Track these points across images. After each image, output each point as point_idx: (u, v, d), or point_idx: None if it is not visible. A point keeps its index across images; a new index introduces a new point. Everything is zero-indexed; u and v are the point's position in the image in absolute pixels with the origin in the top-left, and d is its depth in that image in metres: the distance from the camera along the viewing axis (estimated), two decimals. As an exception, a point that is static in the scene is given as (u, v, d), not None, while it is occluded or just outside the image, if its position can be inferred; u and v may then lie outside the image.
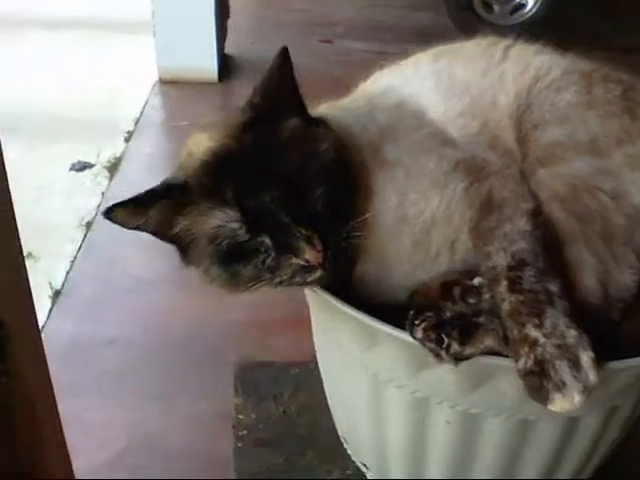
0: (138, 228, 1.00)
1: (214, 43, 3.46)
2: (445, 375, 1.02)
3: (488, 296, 1.01)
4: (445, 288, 1.05)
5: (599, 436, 1.15)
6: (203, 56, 3.48)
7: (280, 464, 1.44)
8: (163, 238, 1.04)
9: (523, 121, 1.17)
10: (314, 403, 1.44)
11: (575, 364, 0.92)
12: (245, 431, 1.52)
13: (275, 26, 4.45)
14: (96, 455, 1.51)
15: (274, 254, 0.98)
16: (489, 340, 0.97)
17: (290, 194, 0.97)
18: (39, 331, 0.94)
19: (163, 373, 1.78)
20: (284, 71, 1.03)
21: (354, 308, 1.04)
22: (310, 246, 0.95)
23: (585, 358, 0.92)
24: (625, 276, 1.05)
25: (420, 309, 1.01)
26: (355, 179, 1.06)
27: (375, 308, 1.05)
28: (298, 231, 0.95)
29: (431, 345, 0.97)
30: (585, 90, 1.17)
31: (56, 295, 2.07)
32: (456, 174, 1.09)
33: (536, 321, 0.94)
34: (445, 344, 0.96)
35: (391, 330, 1.01)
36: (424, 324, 0.98)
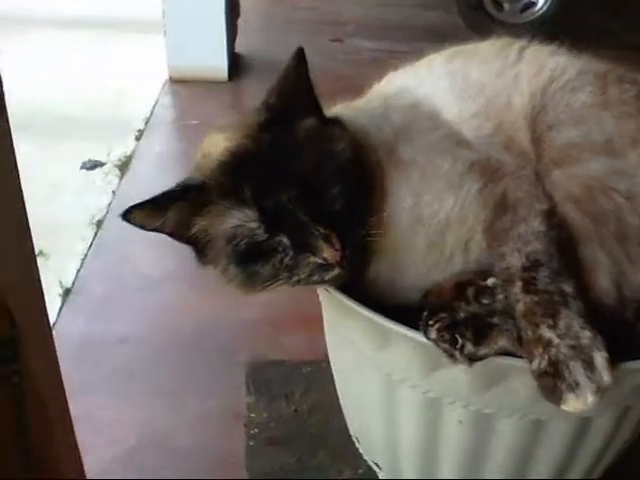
0: (156, 230, 1.01)
1: (224, 42, 3.47)
2: (458, 375, 1.02)
3: (502, 297, 1.02)
4: (459, 289, 1.05)
5: (611, 436, 1.15)
6: (213, 55, 3.50)
7: (292, 463, 1.44)
8: (180, 239, 1.04)
9: (538, 122, 1.17)
10: (326, 402, 1.45)
11: (589, 365, 0.92)
12: (257, 430, 1.53)
13: (285, 25, 4.47)
14: (106, 453, 1.51)
15: (292, 253, 0.98)
16: (503, 340, 0.98)
17: (308, 193, 0.97)
18: (51, 331, 0.93)
19: (173, 371, 1.78)
20: (300, 71, 1.03)
21: (367, 308, 1.04)
22: (328, 244, 0.95)
23: (599, 359, 0.92)
24: (639, 276, 1.05)
25: (434, 310, 1.01)
26: (371, 179, 1.07)
27: (387, 308, 1.05)
28: (316, 230, 0.96)
29: (445, 345, 0.97)
30: (600, 91, 1.17)
31: (66, 293, 2.08)
32: (471, 175, 1.09)
33: (550, 322, 0.94)
34: (459, 344, 0.97)
35: (405, 330, 1.01)
36: (438, 324, 0.98)
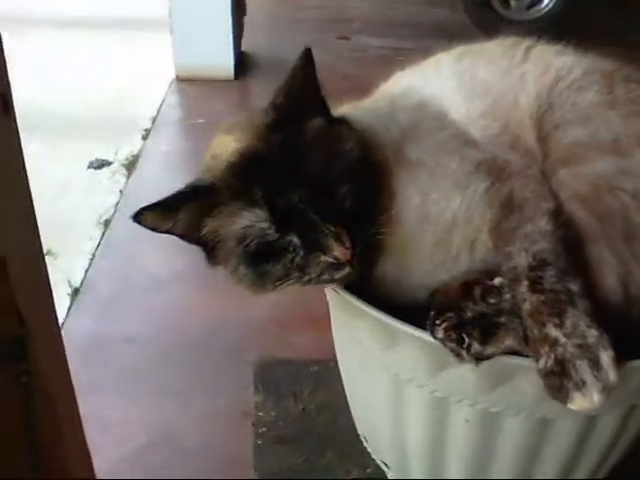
0: (167, 231, 1.02)
1: (230, 40, 3.48)
2: (465, 374, 1.03)
3: (509, 296, 1.02)
4: (466, 288, 1.06)
5: (617, 435, 1.15)
6: (219, 53, 3.50)
7: (300, 463, 1.45)
8: (190, 240, 1.05)
9: (544, 121, 1.17)
10: (334, 401, 1.46)
11: (595, 364, 0.92)
12: (265, 429, 1.53)
13: (291, 23, 4.47)
14: (114, 452, 1.52)
15: (303, 252, 0.99)
16: (510, 340, 0.98)
17: (317, 193, 0.98)
18: (60, 329, 0.94)
19: (181, 371, 1.79)
20: (307, 71, 1.04)
21: (375, 308, 1.05)
22: (339, 243, 0.96)
23: (605, 358, 0.92)
24: None
25: (441, 309, 1.02)
26: (379, 178, 1.08)
27: (395, 308, 1.05)
28: (327, 228, 0.96)
29: (452, 345, 0.98)
30: (607, 90, 1.17)
31: (75, 293, 2.09)
32: (477, 174, 1.09)
33: (557, 321, 0.95)
34: (466, 344, 0.97)
35: (412, 330, 1.02)
36: (445, 324, 0.99)
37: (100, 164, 2.96)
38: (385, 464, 1.35)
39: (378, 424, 1.27)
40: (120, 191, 2.68)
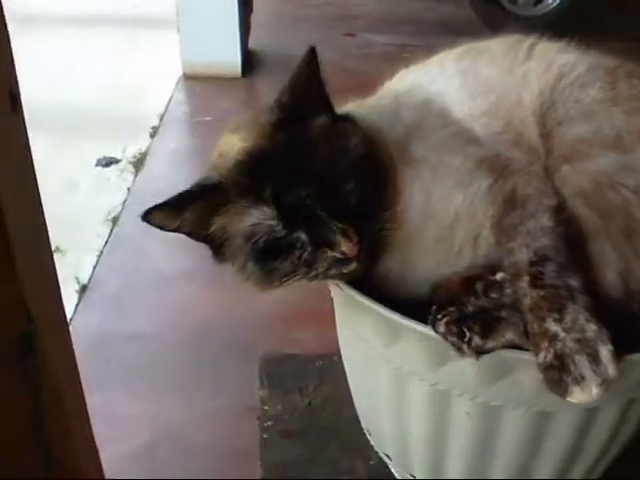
0: (175, 230, 1.03)
1: (237, 38, 3.50)
2: (466, 368, 1.04)
3: (510, 291, 1.03)
4: (468, 283, 1.07)
5: (617, 428, 1.16)
6: (227, 51, 3.53)
7: (304, 455, 1.47)
8: (197, 238, 1.07)
9: (547, 118, 1.19)
10: (338, 395, 1.47)
11: (594, 358, 0.93)
12: (270, 422, 1.56)
13: (298, 20, 4.49)
14: (121, 448, 1.54)
15: (310, 248, 1.01)
16: (510, 334, 0.99)
17: (324, 190, 1.00)
18: (68, 326, 0.94)
19: (188, 367, 1.82)
20: (312, 70, 1.05)
21: (378, 303, 1.07)
22: (346, 239, 0.98)
23: (604, 352, 0.93)
24: None
25: (442, 304, 1.03)
26: (384, 175, 1.09)
27: (398, 303, 1.07)
28: (334, 224, 0.98)
29: (453, 339, 0.99)
30: (610, 86, 1.18)
31: (83, 289, 2.11)
32: (480, 172, 1.11)
33: (556, 316, 0.95)
34: (467, 338, 0.98)
35: (414, 325, 1.03)
36: (446, 318, 1.00)
37: (108, 162, 2.98)
38: (388, 456, 1.36)
39: (381, 417, 1.29)
40: (128, 189, 2.70)
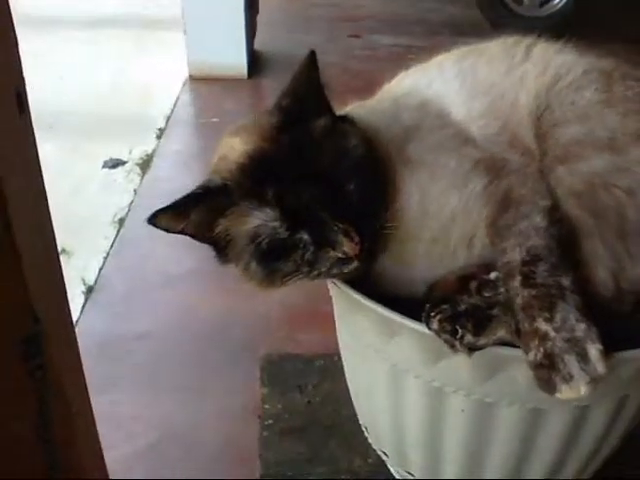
0: (180, 232, 1.06)
1: (243, 39, 3.53)
2: (460, 365, 1.06)
3: (503, 290, 1.05)
4: (463, 282, 1.10)
5: (609, 425, 1.18)
6: (233, 53, 3.56)
7: (304, 453, 1.50)
8: (202, 239, 1.09)
9: (543, 120, 1.21)
10: (338, 393, 1.50)
11: (583, 357, 0.95)
12: (271, 421, 1.59)
13: (303, 21, 4.52)
14: (126, 448, 1.57)
15: (313, 249, 1.03)
16: (502, 331, 1.02)
17: (326, 191, 1.03)
18: (74, 327, 0.95)
19: (193, 367, 1.84)
20: (311, 73, 1.08)
21: (374, 301, 1.09)
22: (348, 239, 1.01)
23: (593, 351, 0.95)
24: (638, 270, 1.08)
25: (436, 302, 1.06)
26: (383, 175, 1.12)
27: (395, 301, 1.09)
28: (336, 225, 1.01)
29: (446, 336, 1.02)
30: (605, 88, 1.20)
31: (89, 291, 2.14)
32: (476, 172, 1.13)
33: (547, 315, 0.97)
34: (459, 335, 1.01)
35: (409, 322, 1.06)
36: (440, 316, 1.03)
37: (115, 163, 3.02)
38: (385, 453, 1.39)
39: (378, 414, 1.32)
40: (134, 190, 2.73)
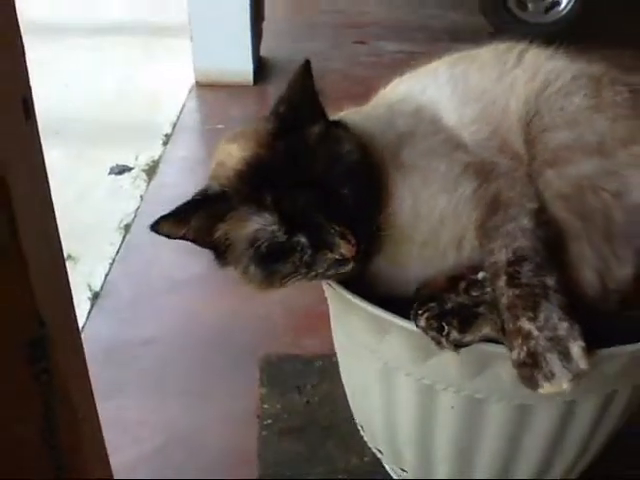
0: (181, 237, 1.10)
1: (249, 46, 3.59)
2: (449, 362, 1.11)
3: (490, 289, 1.10)
4: (452, 282, 1.15)
5: (596, 423, 1.23)
6: (239, 59, 3.61)
7: (302, 453, 1.55)
8: (202, 244, 1.14)
9: (532, 125, 1.25)
10: (336, 394, 1.54)
11: (566, 355, 0.99)
12: (270, 420, 1.64)
13: (309, 28, 4.57)
14: (132, 453, 1.61)
15: (311, 251, 1.08)
16: (487, 329, 1.06)
17: (322, 195, 1.07)
18: (79, 331, 0.97)
19: (198, 371, 1.88)
20: (306, 81, 1.13)
21: (365, 300, 1.14)
22: (345, 241, 1.06)
23: (575, 348, 0.99)
24: (624, 271, 1.12)
25: (424, 300, 1.11)
26: (377, 179, 1.17)
27: (389, 301, 1.14)
28: (333, 228, 1.06)
29: (433, 333, 1.07)
30: (594, 94, 1.24)
31: (95, 297, 2.18)
32: (466, 176, 1.18)
33: (530, 314, 1.02)
34: (445, 332, 1.05)
35: (399, 320, 1.11)
36: (427, 314, 1.07)
37: (121, 170, 3.07)
38: (380, 451, 1.44)
39: (372, 412, 1.36)
40: (141, 196, 2.78)
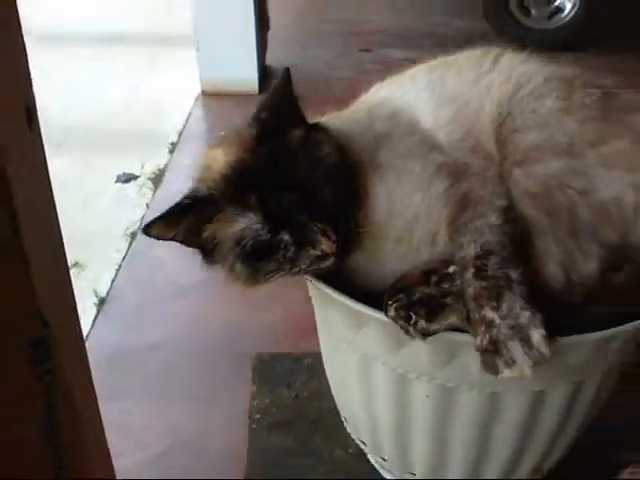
0: (171, 239, 1.18)
1: (255, 55, 3.68)
2: (420, 351, 1.20)
3: (459, 282, 1.19)
4: (426, 276, 1.24)
5: (566, 413, 1.31)
6: (244, 68, 3.70)
7: (289, 445, 1.65)
8: (190, 244, 1.22)
9: (504, 126, 1.34)
10: (323, 389, 1.60)
11: (527, 342, 1.08)
12: (259, 415, 1.73)
13: (314, 36, 4.67)
14: (136, 457, 1.68)
15: (294, 248, 1.17)
16: (453, 318, 1.15)
17: (303, 195, 1.17)
18: (82, 334, 0.99)
19: (203, 376, 1.96)
20: (287, 88, 1.24)
21: (342, 294, 1.23)
22: (326, 238, 1.15)
23: (536, 335, 1.08)
24: (589, 265, 1.20)
25: (395, 292, 1.20)
26: (355, 179, 1.26)
27: (368, 296, 1.23)
28: (314, 226, 1.16)
29: (401, 322, 1.15)
30: (565, 96, 1.33)
31: (101, 303, 2.28)
32: (438, 176, 1.27)
33: (494, 304, 1.10)
34: (413, 321, 1.14)
35: (373, 312, 1.20)
36: (396, 304, 1.16)
37: (127, 178, 3.18)
38: (363, 442, 1.52)
39: (353, 405, 1.45)
40: (147, 204, 2.88)
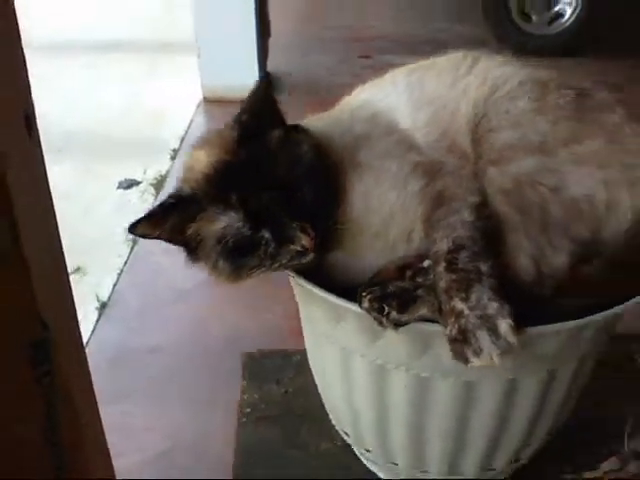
0: (156, 237, 1.24)
1: (256, 62, 3.76)
2: (395, 342, 1.27)
3: (432, 275, 1.25)
4: (401, 270, 1.31)
5: (540, 404, 1.37)
6: (245, 75, 3.64)
7: (277, 439, 1.72)
8: (175, 242, 1.27)
9: (480, 127, 1.41)
10: (311, 385, 1.65)
11: (494, 331, 1.14)
12: (249, 409, 1.80)
13: (315, 43, 4.74)
14: (136, 459, 1.73)
15: (274, 244, 1.23)
16: (424, 310, 1.21)
17: (283, 193, 1.23)
18: (81, 337, 1.00)
19: (203, 379, 2.01)
20: (267, 91, 1.31)
21: (321, 289, 1.30)
22: (305, 234, 1.22)
23: (503, 325, 1.14)
24: (559, 258, 1.27)
25: (370, 286, 1.26)
26: (334, 177, 1.34)
27: (348, 292, 1.29)
28: (294, 223, 1.23)
29: (374, 313, 1.22)
30: (538, 97, 1.39)
31: (103, 307, 2.34)
32: (414, 175, 1.34)
33: (463, 295, 1.16)
34: (385, 312, 1.21)
35: (350, 305, 1.27)
36: (370, 296, 1.23)
37: (129, 184, 3.25)
38: (347, 434, 1.59)
39: (336, 398, 1.52)
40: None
